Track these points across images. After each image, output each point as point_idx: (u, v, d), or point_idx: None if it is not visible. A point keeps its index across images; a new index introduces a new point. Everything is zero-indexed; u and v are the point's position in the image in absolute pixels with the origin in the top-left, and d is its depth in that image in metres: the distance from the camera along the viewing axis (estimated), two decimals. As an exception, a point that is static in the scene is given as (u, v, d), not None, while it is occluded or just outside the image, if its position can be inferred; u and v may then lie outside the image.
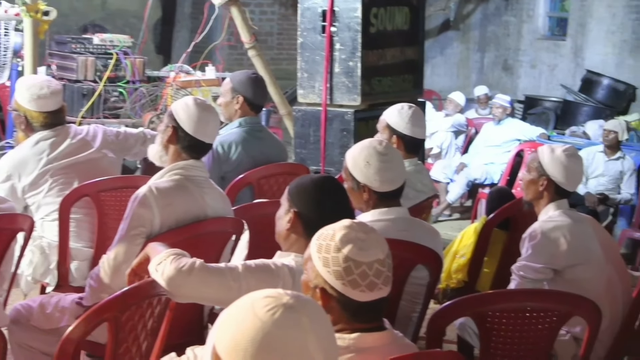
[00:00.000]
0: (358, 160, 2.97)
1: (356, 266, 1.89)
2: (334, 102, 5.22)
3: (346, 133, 5.15)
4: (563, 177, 3.27)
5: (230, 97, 4.26)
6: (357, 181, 2.97)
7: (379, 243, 1.95)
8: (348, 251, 1.90)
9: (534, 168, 3.33)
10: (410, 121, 3.84)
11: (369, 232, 1.96)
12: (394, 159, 3.01)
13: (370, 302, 1.91)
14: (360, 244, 1.91)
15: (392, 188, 2.98)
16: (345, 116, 5.14)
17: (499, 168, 7.68)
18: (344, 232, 1.93)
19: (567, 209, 3.30)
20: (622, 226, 6.60)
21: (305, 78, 5.29)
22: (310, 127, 5.30)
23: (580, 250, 3.19)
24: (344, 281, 1.89)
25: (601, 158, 6.68)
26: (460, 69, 11.65)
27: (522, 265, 3.19)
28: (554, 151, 3.31)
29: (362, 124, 5.18)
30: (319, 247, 1.93)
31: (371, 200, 2.99)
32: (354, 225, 1.95)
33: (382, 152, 2.96)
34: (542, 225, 3.23)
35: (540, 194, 3.32)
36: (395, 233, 2.91)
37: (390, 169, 2.97)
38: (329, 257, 1.90)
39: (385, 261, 1.94)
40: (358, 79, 5.12)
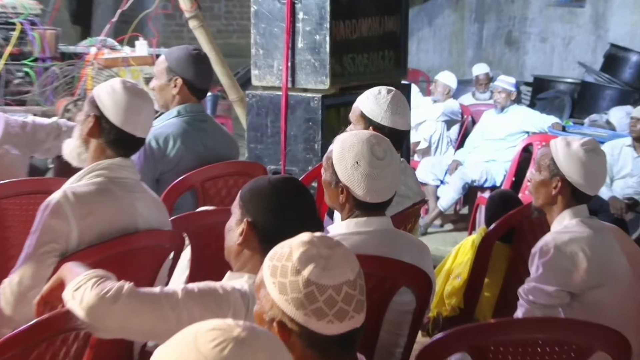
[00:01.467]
0: (347, 156, 2.98)
1: (320, 291, 1.88)
2: (297, 86, 5.24)
3: (312, 124, 5.17)
4: (581, 178, 3.30)
5: (167, 80, 4.25)
6: (337, 177, 2.99)
7: (346, 260, 1.94)
8: (309, 273, 1.89)
9: (545, 166, 3.36)
10: (390, 109, 3.86)
11: (333, 247, 1.95)
12: (389, 166, 3.01)
13: (340, 336, 1.90)
14: (323, 262, 1.89)
15: (377, 201, 3.01)
16: (311, 103, 5.16)
17: (502, 167, 7.73)
18: (303, 249, 1.92)
19: (586, 217, 3.33)
20: (656, 238, 6.68)
21: (261, 55, 5.30)
22: (267, 117, 5.31)
23: (603, 269, 3.22)
24: (306, 311, 1.87)
25: (629, 153, 6.74)
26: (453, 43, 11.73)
27: (532, 288, 3.22)
28: (569, 145, 3.34)
29: (332, 112, 5.20)
30: (272, 269, 1.92)
31: (348, 204, 3.01)
32: (315, 239, 1.94)
33: (378, 155, 2.98)
34: (555, 238, 3.25)
35: (553, 198, 3.35)
36: (373, 248, 2.92)
37: (381, 177, 2.98)
38: (286, 282, 1.89)
39: (356, 282, 1.92)
40: (327, 56, 5.14)
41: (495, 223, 4.02)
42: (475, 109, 8.88)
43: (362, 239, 2.94)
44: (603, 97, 9.34)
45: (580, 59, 10.23)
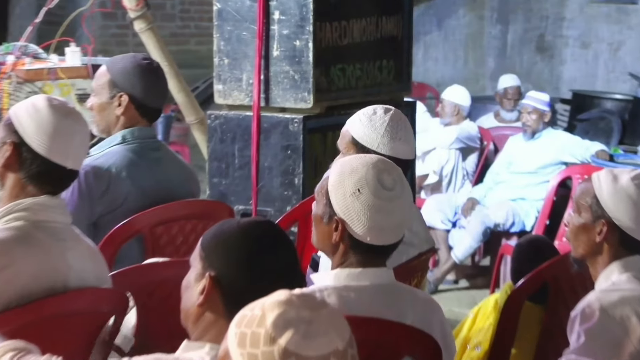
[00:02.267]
0: (346, 182, 3.00)
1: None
2: (272, 104, 5.27)
3: (291, 152, 5.19)
4: (632, 221, 3.31)
5: (109, 97, 4.27)
6: (332, 209, 3.00)
7: (334, 324, 1.94)
8: (287, 341, 1.89)
9: (586, 207, 3.37)
10: (389, 133, 3.88)
11: (317, 308, 1.95)
12: (399, 200, 3.03)
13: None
14: (304, 328, 1.90)
15: (380, 243, 3.01)
16: (290, 126, 5.18)
17: (533, 207, 7.77)
18: (279, 311, 1.92)
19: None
20: None
21: (226, 66, 5.33)
22: (234, 144, 5.33)
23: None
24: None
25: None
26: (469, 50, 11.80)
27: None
28: (617, 179, 3.35)
29: (317, 137, 5.23)
30: (240, 338, 1.92)
31: (342, 245, 3.02)
32: (294, 299, 1.94)
33: (387, 184, 3.00)
34: (601, 298, 3.26)
35: (597, 247, 3.36)
36: (369, 308, 2.93)
37: (388, 212, 2.99)
38: (258, 354, 1.89)
39: (346, 353, 1.93)
40: (309, 67, 5.17)
41: (524, 278, 4.03)
42: (498, 133, 8.92)
43: (355, 297, 2.95)
44: (662, 118, 9.41)
45: (632, 69, 10.30)
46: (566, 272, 3.56)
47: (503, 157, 8.23)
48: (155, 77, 4.37)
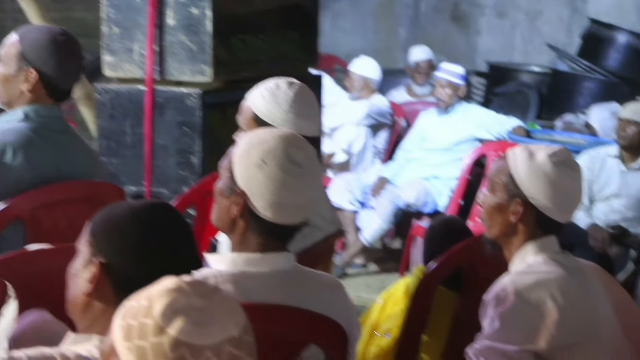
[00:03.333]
0: (252, 152, 2.99)
1: (194, 354, 1.89)
2: (167, 78, 5.25)
3: (188, 129, 5.19)
4: (549, 200, 3.36)
5: (16, 69, 4.20)
6: (234, 181, 3.00)
7: (227, 311, 1.95)
8: (178, 331, 1.88)
9: (501, 185, 3.41)
10: (294, 109, 3.90)
11: (209, 294, 1.96)
12: (308, 178, 3.04)
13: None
14: (196, 316, 1.90)
15: (282, 221, 3.01)
16: (187, 101, 5.18)
17: (446, 186, 7.85)
18: (168, 299, 1.92)
19: (557, 253, 3.39)
20: (652, 280, 6.82)
21: (116, 36, 5.30)
22: (125, 120, 5.32)
23: (579, 322, 3.28)
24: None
25: (615, 167, 6.86)
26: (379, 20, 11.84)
27: (485, 348, 3.25)
28: (533, 156, 3.39)
29: (216, 113, 5.23)
30: (127, 330, 1.92)
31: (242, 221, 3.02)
32: (184, 286, 1.95)
33: (296, 159, 3.00)
34: (516, 281, 3.30)
35: (512, 227, 3.41)
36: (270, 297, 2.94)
37: (294, 189, 2.99)
38: (147, 346, 1.89)
39: (242, 340, 1.94)
40: (208, 37, 5.17)
41: (436, 261, 4.07)
42: (410, 108, 8.98)
43: (253, 284, 2.95)
44: (580, 91, 9.52)
45: (551, 40, 10.41)
46: (480, 255, 3.58)
47: (415, 134, 8.28)
48: (70, 55, 4.29)
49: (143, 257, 2.43)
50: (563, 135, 8.07)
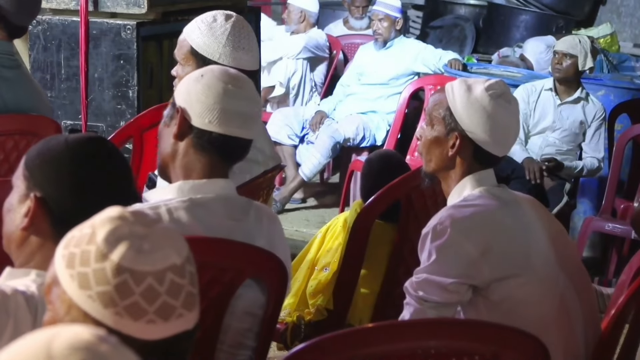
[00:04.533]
0: (195, 74, 3.05)
1: (137, 280, 1.91)
2: (102, 9, 5.22)
3: (124, 62, 5.17)
4: (486, 133, 3.37)
5: None
6: (174, 105, 3.05)
7: (169, 240, 1.97)
8: (120, 256, 1.90)
9: (439, 119, 3.42)
10: (231, 42, 3.89)
11: (151, 224, 1.98)
12: (247, 93, 3.08)
13: (165, 341, 1.94)
14: (139, 243, 1.92)
15: (227, 131, 3.02)
16: (122, 32, 5.14)
17: (384, 120, 7.85)
18: (111, 226, 1.93)
19: (493, 186, 3.41)
20: (585, 212, 6.91)
21: (49, -38, 5.25)
22: (60, 53, 5.28)
23: (514, 253, 3.32)
24: (117, 309, 1.89)
25: (550, 100, 6.90)
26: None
27: (422, 281, 3.27)
28: (471, 90, 3.40)
29: (153, 46, 5.21)
30: (69, 258, 1.93)
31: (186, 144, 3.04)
32: (127, 215, 1.96)
33: (236, 77, 3.05)
34: (453, 214, 3.32)
35: (449, 161, 3.42)
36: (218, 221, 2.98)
37: (237, 96, 3.03)
38: (89, 272, 1.90)
39: (184, 268, 1.95)
40: (143, -34, 5.13)
41: (374, 195, 4.08)
42: (348, 41, 8.97)
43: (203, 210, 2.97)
44: (516, 24, 9.56)
45: (488, -28, 10.43)
46: (418, 188, 3.61)
47: (353, 68, 8.27)
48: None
49: (79, 190, 2.43)
50: (499, 68, 8.09)
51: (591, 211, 6.89)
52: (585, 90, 6.95)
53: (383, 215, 4.12)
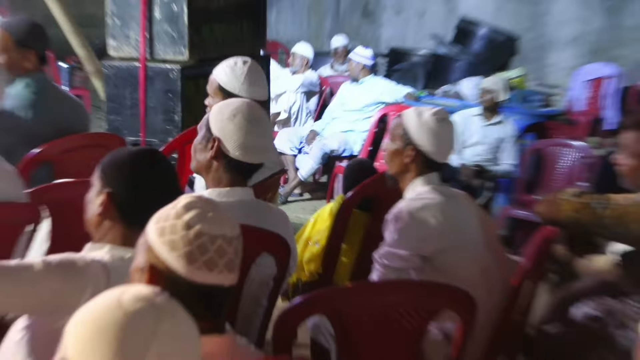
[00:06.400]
0: (224, 110, 3.02)
1: (211, 240, 1.99)
2: (156, 57, 5.21)
3: (171, 95, 5.15)
4: (432, 146, 3.38)
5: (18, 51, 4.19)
6: (210, 132, 3.03)
7: (227, 220, 2.05)
8: (200, 226, 1.99)
9: (398, 136, 3.43)
10: (247, 80, 3.88)
11: (215, 205, 2.07)
12: (265, 128, 3.10)
13: (206, 287, 1.97)
14: (210, 217, 2.01)
15: (250, 160, 3.04)
16: (170, 74, 5.14)
17: (360, 137, 7.83)
18: (191, 206, 2.02)
19: (438, 184, 3.42)
20: (502, 203, 6.90)
21: (118, 26, 5.23)
22: (125, 88, 5.27)
23: (453, 233, 3.32)
24: (198, 264, 1.97)
25: (478, 123, 6.92)
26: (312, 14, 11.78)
27: (386, 253, 3.29)
28: (421, 115, 3.41)
29: (191, 83, 5.20)
30: (161, 230, 1.99)
31: (216, 162, 3.04)
32: (197, 200, 2.04)
33: (256, 114, 3.05)
34: (408, 205, 3.33)
35: (406, 166, 3.42)
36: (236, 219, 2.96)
37: (256, 135, 3.03)
38: (177, 238, 1.98)
39: (232, 241, 2.03)
40: (185, 27, 5.13)
41: (352, 191, 4.09)
42: (333, 80, 8.95)
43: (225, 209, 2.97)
44: (454, 68, 9.56)
45: (434, 31, 10.43)
46: (384, 187, 3.61)
47: (337, 99, 8.25)
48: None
49: (139, 188, 2.43)
50: (441, 100, 8.10)
51: (506, 202, 6.88)
52: (502, 116, 6.96)
53: (359, 206, 4.11)
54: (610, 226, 3.07)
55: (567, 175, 6.64)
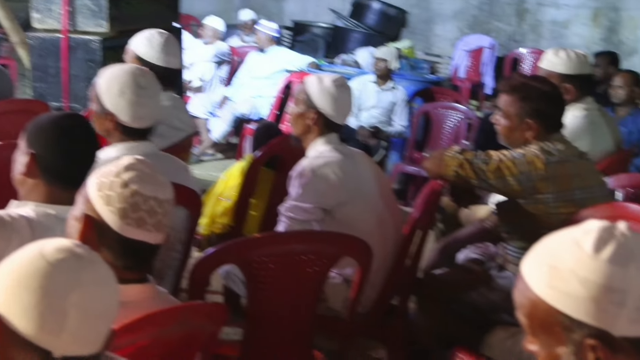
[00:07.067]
0: (112, 85, 2.93)
1: (145, 201, 1.98)
2: (77, 29, 5.08)
3: (93, 64, 5.05)
4: (332, 110, 3.36)
5: None
6: (103, 106, 2.93)
7: (162, 184, 2.05)
8: (136, 186, 1.98)
9: (301, 100, 3.41)
10: (163, 50, 3.79)
11: (152, 167, 2.06)
12: (153, 95, 3.01)
13: (134, 242, 1.96)
14: (147, 178, 2.01)
15: (142, 126, 2.98)
16: (91, 45, 5.02)
17: (267, 102, 7.79)
18: (131, 167, 2.01)
19: (337, 144, 3.40)
20: (395, 160, 6.97)
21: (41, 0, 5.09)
22: (49, 58, 5.14)
23: (351, 188, 3.32)
24: (129, 220, 1.97)
25: (373, 88, 6.95)
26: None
27: (291, 206, 3.27)
28: (322, 81, 3.39)
29: (111, 53, 5.08)
30: (100, 184, 1.98)
31: (116, 131, 2.97)
32: (137, 161, 2.04)
33: (142, 85, 2.95)
34: (311, 162, 3.31)
35: (308, 128, 3.40)
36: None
37: (145, 105, 2.96)
38: (113, 195, 1.97)
39: (163, 204, 2.02)
40: (104, 0, 5.00)
41: (260, 151, 4.06)
42: (242, 50, 8.87)
43: None
44: (351, 40, 9.56)
45: (332, 6, 10.39)
46: (289, 146, 3.59)
47: (246, 67, 8.19)
48: None
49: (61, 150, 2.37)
50: (340, 68, 8.10)
51: (398, 159, 6.95)
52: (394, 82, 7.00)
53: (266, 164, 4.08)
54: (489, 179, 3.10)
55: (452, 134, 6.72)
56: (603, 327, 1.39)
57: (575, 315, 1.40)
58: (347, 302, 3.07)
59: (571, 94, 3.95)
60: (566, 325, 1.42)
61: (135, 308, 1.92)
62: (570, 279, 1.40)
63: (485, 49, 9.41)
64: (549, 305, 1.42)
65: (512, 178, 3.07)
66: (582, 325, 1.40)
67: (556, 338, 1.44)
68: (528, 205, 3.10)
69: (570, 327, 1.41)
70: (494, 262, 3.38)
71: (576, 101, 4.00)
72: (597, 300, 1.39)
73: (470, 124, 6.63)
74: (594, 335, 1.40)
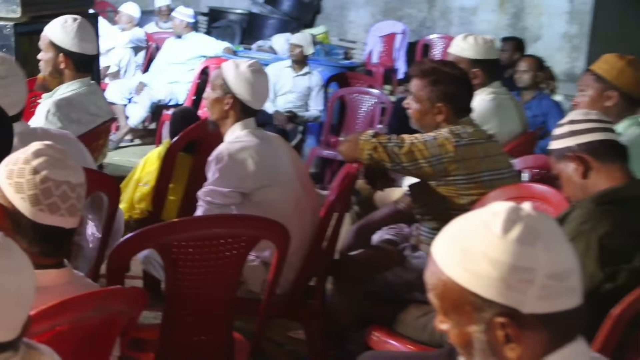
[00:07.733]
0: None
1: (56, 186, 1.95)
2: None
3: (6, 50, 4.91)
4: (249, 95, 3.35)
5: None
6: None
7: (74, 168, 2.00)
8: (47, 172, 1.94)
9: (218, 86, 3.39)
10: (78, 36, 3.71)
11: (63, 152, 2.01)
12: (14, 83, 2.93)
13: (49, 227, 1.93)
14: (58, 164, 1.97)
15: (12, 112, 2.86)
16: (4, 30, 4.91)
17: (185, 87, 7.72)
18: (40, 152, 1.96)
19: (254, 129, 3.39)
20: (311, 144, 6.99)
21: (-48, -16, 4.92)
22: (-40, 43, 4.97)
23: (268, 171, 3.32)
24: (23, 196, 1.93)
25: (289, 74, 6.95)
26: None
27: (209, 191, 3.25)
28: (238, 67, 3.38)
29: (25, 39, 4.97)
30: (9, 172, 1.94)
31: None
32: (46, 146, 1.99)
33: (1, 74, 2.89)
34: (228, 147, 3.30)
35: (225, 113, 3.38)
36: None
37: (10, 94, 2.89)
38: (23, 181, 1.93)
39: (75, 188, 1.98)
40: (17, -14, 4.88)
41: (178, 136, 4.02)
42: (158, 36, 8.76)
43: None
44: (267, 26, 9.55)
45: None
46: (206, 131, 3.57)
47: (162, 53, 8.10)
48: None
49: None
50: (256, 53, 8.08)
51: (315, 143, 6.97)
52: (310, 67, 7.01)
53: (184, 149, 4.04)
54: (402, 162, 3.14)
55: (366, 118, 6.78)
56: (512, 305, 1.42)
57: (486, 295, 1.43)
58: (265, 284, 3.08)
59: (479, 79, 4.02)
60: (477, 305, 1.44)
61: (53, 293, 1.89)
62: (481, 260, 1.42)
63: (397, 35, 9.50)
64: (461, 286, 1.44)
65: (424, 160, 3.11)
66: (492, 304, 1.43)
67: (467, 317, 1.46)
68: (439, 187, 3.15)
69: (480, 306, 1.44)
70: (407, 242, 3.43)
71: (484, 85, 4.08)
72: (507, 280, 1.41)
73: (384, 108, 6.69)
74: (504, 314, 1.42)
